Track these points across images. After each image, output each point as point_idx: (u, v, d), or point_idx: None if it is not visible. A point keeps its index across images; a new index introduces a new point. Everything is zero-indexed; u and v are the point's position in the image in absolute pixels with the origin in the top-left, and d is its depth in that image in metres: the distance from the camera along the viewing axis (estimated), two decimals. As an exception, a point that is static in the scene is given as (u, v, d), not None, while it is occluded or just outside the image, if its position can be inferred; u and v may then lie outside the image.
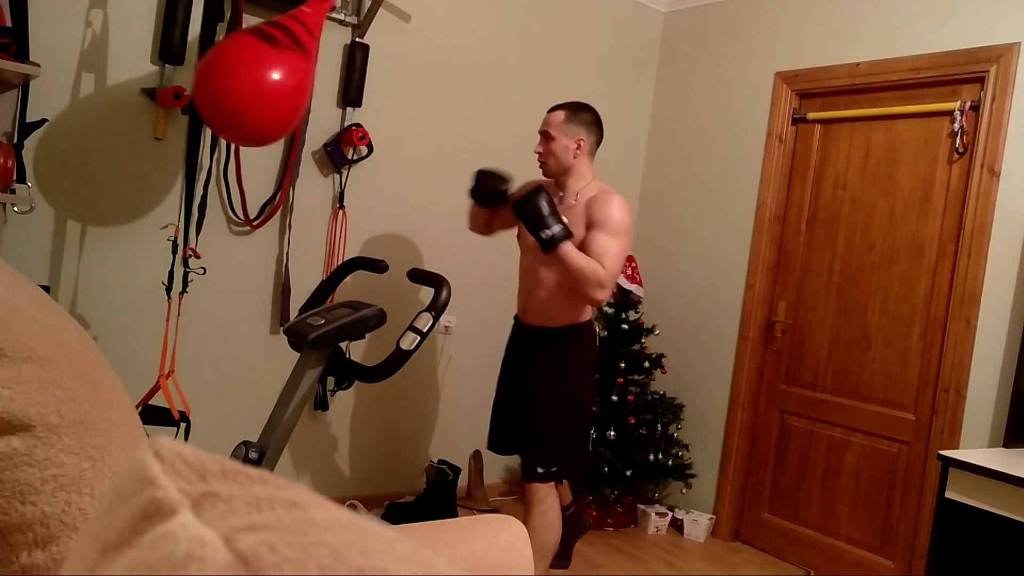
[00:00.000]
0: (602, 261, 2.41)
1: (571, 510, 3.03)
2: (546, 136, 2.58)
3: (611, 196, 2.51)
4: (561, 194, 2.61)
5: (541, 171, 2.64)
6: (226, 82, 2.19)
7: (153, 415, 2.41)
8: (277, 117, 2.26)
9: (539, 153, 2.60)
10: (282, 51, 2.26)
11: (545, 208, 2.40)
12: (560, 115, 2.56)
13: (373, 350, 3.34)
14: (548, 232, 2.38)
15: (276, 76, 2.23)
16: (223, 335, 2.99)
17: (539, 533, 2.49)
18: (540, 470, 2.54)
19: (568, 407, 2.59)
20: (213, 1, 2.59)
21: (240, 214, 2.93)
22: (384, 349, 3.35)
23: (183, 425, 2.47)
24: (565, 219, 2.44)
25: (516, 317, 2.80)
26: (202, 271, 2.66)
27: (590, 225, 2.51)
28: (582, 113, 2.59)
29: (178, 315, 2.58)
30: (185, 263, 2.64)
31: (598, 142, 2.63)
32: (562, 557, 3.12)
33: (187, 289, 2.63)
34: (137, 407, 2.37)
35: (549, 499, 2.55)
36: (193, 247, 2.71)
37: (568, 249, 2.40)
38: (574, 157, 2.56)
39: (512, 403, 2.71)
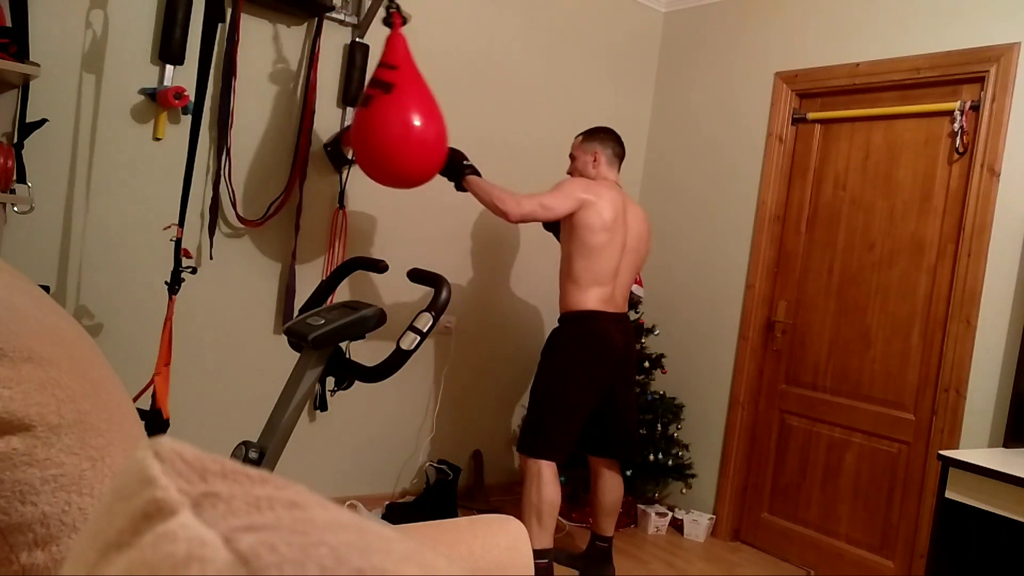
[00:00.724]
0: (520, 193, 2.79)
1: (605, 547, 3.03)
2: (572, 158, 3.05)
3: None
4: None
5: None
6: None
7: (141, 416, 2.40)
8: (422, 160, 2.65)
9: (569, 173, 3.04)
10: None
11: (452, 162, 2.86)
12: (579, 139, 3.03)
13: (373, 350, 3.34)
14: (456, 172, 2.87)
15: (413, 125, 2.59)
16: (224, 335, 2.99)
17: (529, 497, 2.78)
18: (520, 435, 2.91)
19: (541, 387, 2.86)
20: (213, 1, 2.59)
21: (242, 215, 2.93)
22: (384, 349, 3.35)
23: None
24: (467, 160, 2.91)
25: None
26: (192, 270, 2.64)
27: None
28: (595, 133, 3.01)
29: (169, 316, 2.55)
30: (179, 262, 2.61)
31: (616, 153, 3.00)
32: (568, 559, 3.12)
33: (178, 289, 2.57)
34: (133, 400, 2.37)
35: (538, 477, 2.78)
36: (185, 248, 2.70)
37: (470, 179, 2.85)
38: (593, 168, 2.96)
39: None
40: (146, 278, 2.77)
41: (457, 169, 2.88)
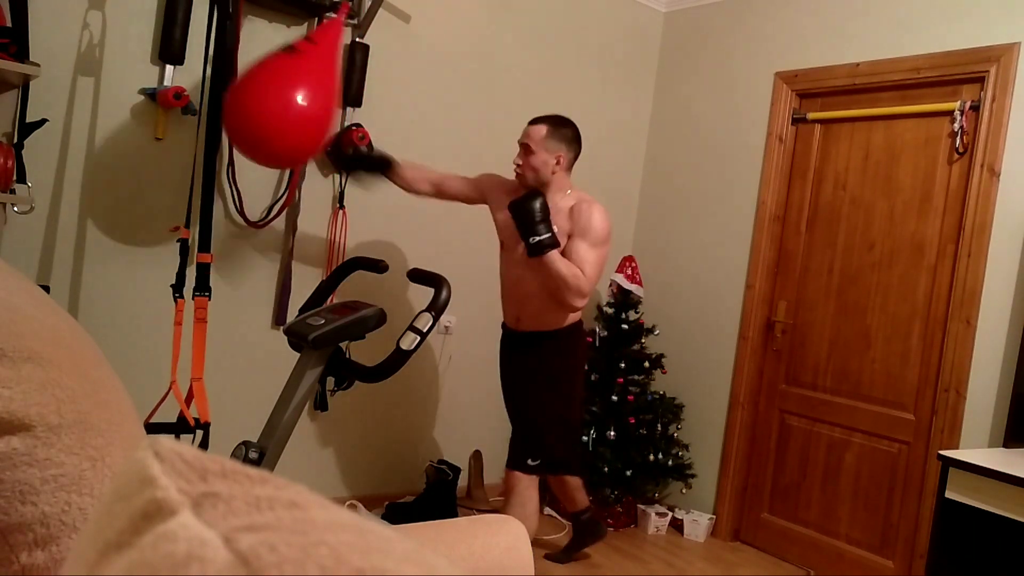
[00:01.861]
0: (583, 268, 2.54)
1: (587, 515, 3.08)
2: (526, 149, 2.64)
3: (592, 206, 2.62)
4: None
5: (518, 181, 2.72)
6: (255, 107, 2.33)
7: (173, 425, 2.39)
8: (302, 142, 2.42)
9: (518, 165, 2.67)
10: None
11: (539, 213, 2.48)
12: (542, 130, 2.63)
13: (373, 350, 3.34)
14: (537, 238, 2.46)
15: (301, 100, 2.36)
16: (224, 335, 2.99)
17: (529, 518, 2.67)
18: (531, 462, 2.69)
19: (562, 405, 2.74)
20: (222, 1, 2.59)
21: (246, 215, 2.93)
22: (384, 349, 3.35)
23: (199, 432, 2.44)
24: (555, 227, 2.52)
25: (505, 326, 2.91)
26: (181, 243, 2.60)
27: (572, 234, 2.62)
28: (563, 129, 2.66)
29: (203, 320, 2.53)
30: (184, 264, 2.61)
31: (576, 157, 2.72)
32: (564, 553, 3.15)
33: (210, 291, 2.53)
34: (177, 417, 2.37)
35: (529, 491, 2.69)
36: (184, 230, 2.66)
37: (554, 256, 2.50)
38: (552, 172, 2.64)
39: (514, 406, 2.86)
40: (146, 278, 2.77)
41: (540, 241, 2.48)
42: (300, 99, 2.34)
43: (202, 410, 2.38)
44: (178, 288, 2.46)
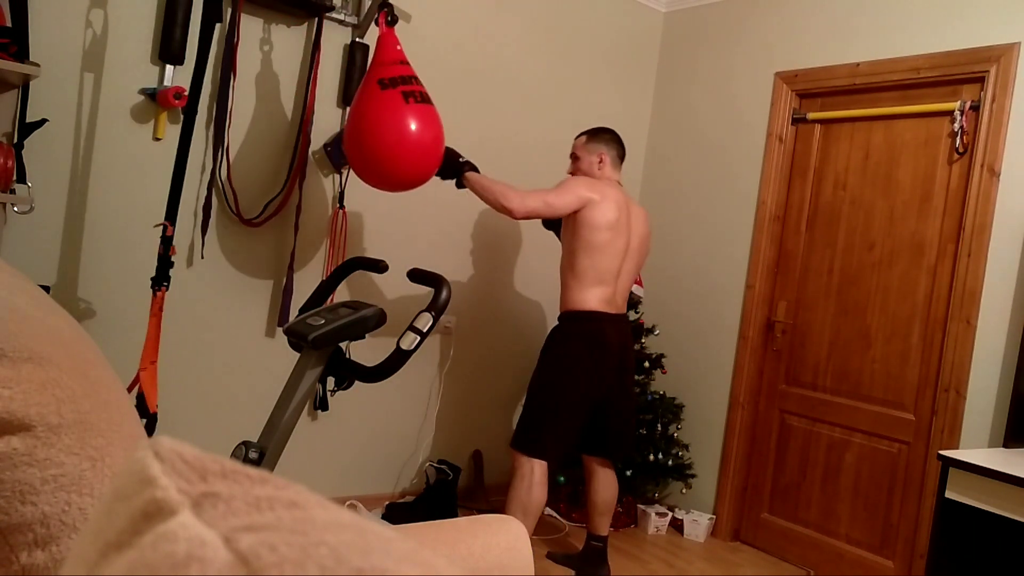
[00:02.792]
0: (524, 191, 2.76)
1: (598, 545, 3.04)
2: (574, 157, 3.02)
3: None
4: None
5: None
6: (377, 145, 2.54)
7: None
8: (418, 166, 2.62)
9: (571, 173, 3.01)
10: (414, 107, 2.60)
11: (452, 159, 2.83)
12: (582, 139, 3.00)
13: (373, 350, 3.34)
14: (452, 170, 2.83)
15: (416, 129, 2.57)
16: (224, 335, 2.99)
17: (518, 493, 2.79)
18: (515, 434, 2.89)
19: (537, 384, 2.88)
20: (211, 1, 2.59)
21: (242, 214, 2.93)
22: (384, 349, 3.35)
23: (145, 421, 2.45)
24: (464, 157, 2.89)
25: None
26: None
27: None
28: (600, 133, 2.99)
29: (154, 311, 2.51)
30: (166, 258, 2.56)
31: (619, 155, 3.00)
32: (564, 558, 3.14)
33: (166, 285, 2.52)
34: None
35: (529, 476, 2.79)
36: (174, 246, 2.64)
37: (470, 176, 2.83)
38: (599, 169, 2.95)
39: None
40: (146, 278, 2.77)
41: (455, 167, 2.84)
42: (418, 129, 2.55)
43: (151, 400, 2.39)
44: (158, 280, 2.42)
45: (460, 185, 2.89)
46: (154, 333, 2.35)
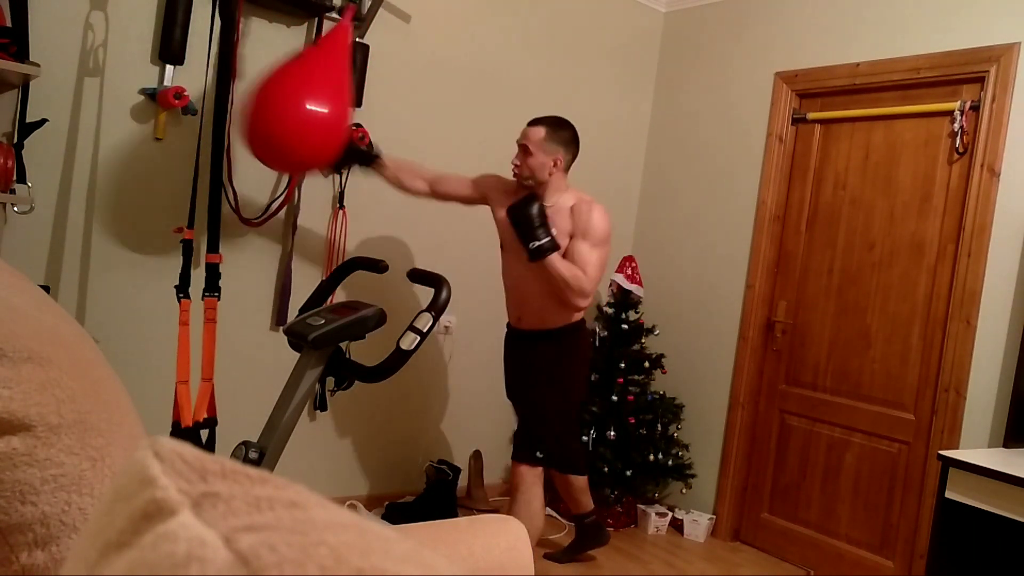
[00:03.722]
0: (584, 270, 2.58)
1: (591, 519, 3.07)
2: (524, 150, 2.68)
3: (592, 206, 2.65)
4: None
5: (517, 180, 2.76)
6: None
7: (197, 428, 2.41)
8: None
9: (516, 165, 2.71)
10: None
11: (537, 218, 2.53)
12: (540, 132, 2.66)
13: (373, 350, 3.34)
14: (537, 243, 2.53)
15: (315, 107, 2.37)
16: (224, 335, 2.98)
17: (522, 520, 2.59)
18: (539, 454, 2.74)
19: (562, 402, 2.78)
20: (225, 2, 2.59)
21: (242, 214, 2.93)
22: (384, 349, 3.35)
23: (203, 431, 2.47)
24: (554, 230, 2.56)
25: (509, 325, 2.95)
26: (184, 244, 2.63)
27: (572, 234, 2.65)
28: (561, 131, 2.69)
29: (212, 320, 2.55)
30: (213, 268, 2.60)
31: (573, 159, 2.75)
32: (565, 553, 3.15)
33: (217, 291, 2.56)
34: (194, 419, 2.38)
35: (535, 488, 2.72)
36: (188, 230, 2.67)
37: (555, 259, 2.54)
38: (549, 174, 2.67)
39: (521, 404, 2.92)
40: (146, 278, 2.77)
41: (541, 246, 2.52)
42: (311, 103, 2.34)
43: (210, 407, 2.41)
44: (182, 288, 2.47)
45: (534, 259, 2.56)
46: (183, 347, 2.35)
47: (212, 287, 2.49)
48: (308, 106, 2.34)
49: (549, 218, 2.59)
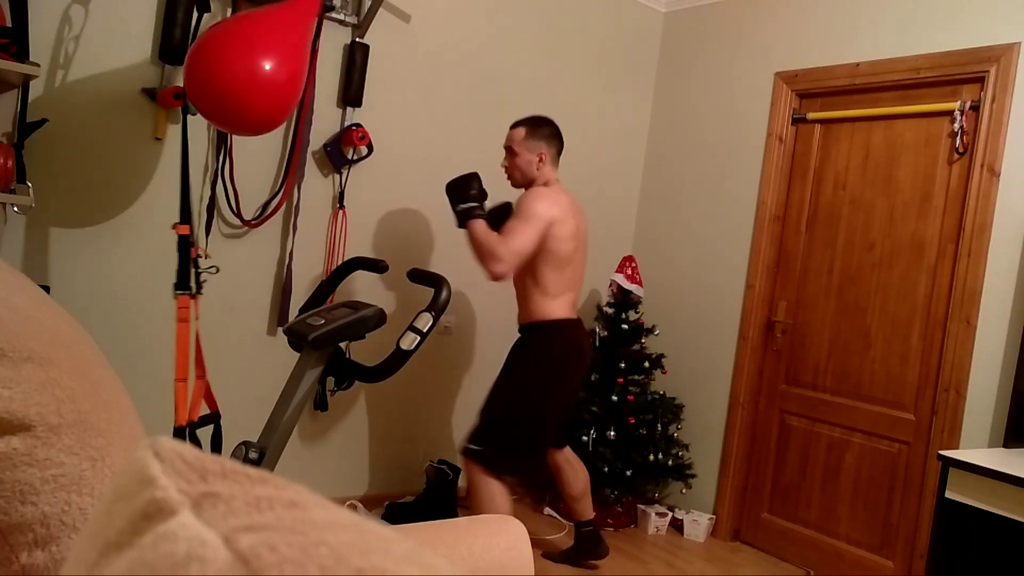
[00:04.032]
0: (504, 237, 2.63)
1: (588, 529, 3.06)
2: (510, 151, 2.81)
3: (532, 191, 2.76)
4: None
5: (509, 183, 2.86)
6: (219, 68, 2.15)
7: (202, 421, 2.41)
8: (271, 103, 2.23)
9: (505, 167, 2.84)
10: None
11: (471, 189, 2.67)
12: (521, 132, 2.80)
13: (373, 350, 3.34)
14: (463, 205, 2.66)
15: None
16: (223, 335, 2.99)
17: (487, 512, 2.68)
18: (469, 444, 2.78)
19: (517, 399, 2.76)
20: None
21: (242, 214, 2.93)
22: (384, 349, 3.35)
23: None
24: (487, 203, 2.72)
25: None
26: (215, 270, 2.67)
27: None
28: (541, 128, 2.81)
29: (196, 318, 2.56)
30: (195, 264, 2.62)
31: (559, 152, 2.86)
32: (562, 555, 3.15)
33: (201, 290, 2.60)
34: (191, 419, 2.35)
35: (483, 482, 2.72)
36: (202, 247, 2.71)
37: (474, 224, 2.63)
38: (537, 169, 2.80)
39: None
40: (146, 278, 2.77)
41: (467, 208, 2.65)
42: (261, 58, 2.15)
43: (211, 402, 2.41)
44: (180, 285, 2.45)
45: (461, 226, 2.70)
46: (182, 344, 2.32)
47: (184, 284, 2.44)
48: (261, 63, 2.16)
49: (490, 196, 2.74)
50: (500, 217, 2.78)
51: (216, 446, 2.44)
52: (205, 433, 2.66)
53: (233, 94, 2.15)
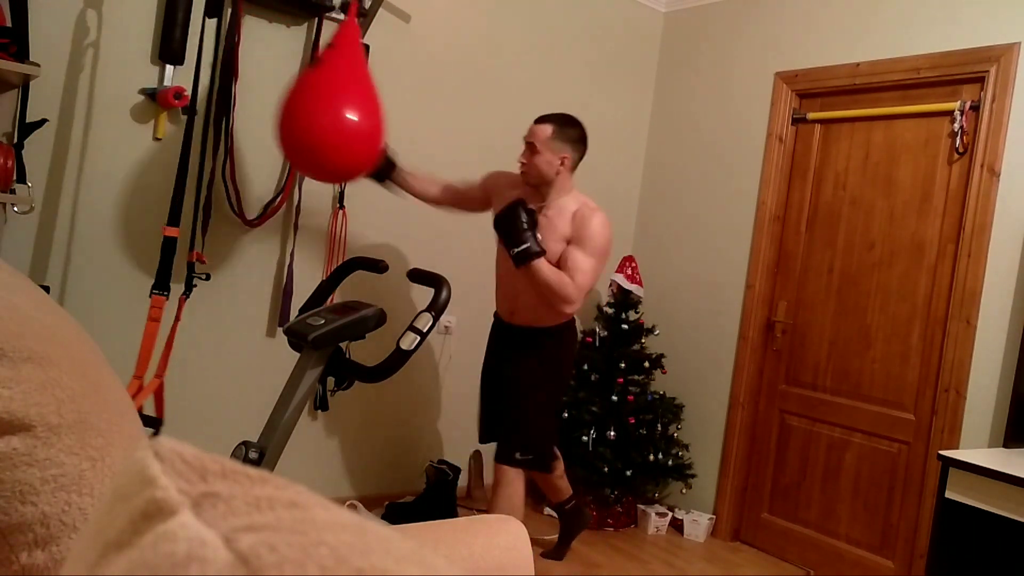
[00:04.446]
0: (573, 276, 2.52)
1: (571, 504, 3.09)
2: (531, 148, 2.63)
3: (594, 213, 2.61)
4: (541, 204, 2.69)
5: (522, 178, 2.71)
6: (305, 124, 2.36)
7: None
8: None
9: (522, 163, 2.66)
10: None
11: (524, 223, 2.48)
12: (547, 129, 2.61)
13: (373, 350, 3.34)
14: (521, 247, 2.48)
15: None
16: (224, 335, 2.99)
17: (515, 509, 2.68)
18: (519, 456, 2.70)
19: (548, 400, 2.78)
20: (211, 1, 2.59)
21: (244, 214, 2.93)
22: (384, 349, 3.35)
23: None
24: (539, 235, 2.52)
25: (498, 316, 2.94)
26: (206, 277, 2.67)
27: (571, 239, 2.60)
28: (569, 129, 2.64)
29: (178, 319, 2.57)
30: (190, 267, 2.64)
31: (581, 158, 2.70)
32: (557, 549, 3.15)
33: (189, 292, 2.63)
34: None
35: (516, 483, 2.70)
36: (199, 251, 2.71)
37: (540, 264, 2.49)
38: (556, 173, 2.62)
39: (498, 396, 2.85)
40: (146, 279, 2.77)
41: (523, 251, 2.48)
42: (351, 112, 2.36)
43: (158, 407, 2.44)
44: (159, 285, 2.44)
45: (519, 265, 2.52)
46: (147, 342, 2.33)
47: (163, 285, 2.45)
48: (348, 116, 2.35)
49: (543, 223, 2.58)
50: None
51: None
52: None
53: (344, 152, 2.36)
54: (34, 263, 2.56)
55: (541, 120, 2.66)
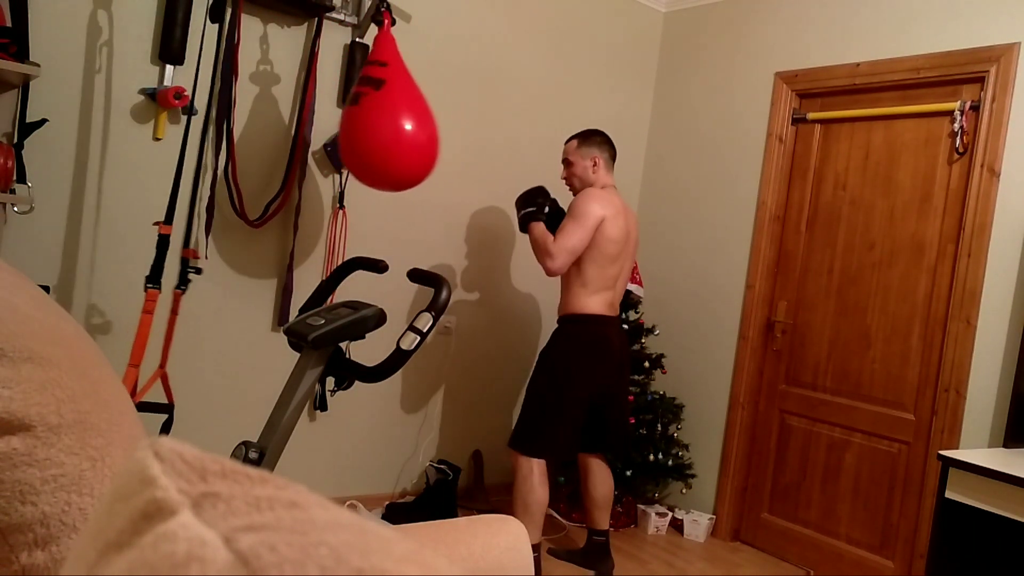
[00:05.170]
0: (556, 237, 2.84)
1: (601, 539, 3.07)
2: (567, 163, 3.02)
3: (584, 192, 2.92)
4: None
5: (569, 189, 3.06)
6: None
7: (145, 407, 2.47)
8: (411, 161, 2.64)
9: (565, 179, 3.05)
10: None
11: (537, 197, 2.96)
12: (574, 143, 3.00)
13: (373, 350, 3.34)
14: (523, 211, 2.97)
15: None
16: (224, 334, 2.99)
17: (521, 493, 2.84)
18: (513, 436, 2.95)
19: (535, 390, 2.91)
20: (214, 1, 2.60)
21: (246, 214, 2.93)
22: (384, 349, 3.35)
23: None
24: (547, 208, 2.96)
25: None
26: (196, 271, 2.65)
27: None
28: (591, 137, 3.00)
29: (175, 312, 2.57)
30: (185, 263, 2.64)
31: (612, 156, 3.02)
32: (567, 554, 3.16)
33: (185, 287, 2.61)
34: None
35: (528, 475, 2.84)
36: (193, 248, 2.71)
37: (534, 226, 2.91)
38: (593, 173, 2.97)
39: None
40: (145, 278, 2.76)
41: (527, 213, 2.95)
42: (410, 127, 2.58)
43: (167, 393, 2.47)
44: (152, 279, 2.43)
45: (523, 229, 2.98)
46: (142, 333, 2.34)
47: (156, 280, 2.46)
48: (410, 125, 2.59)
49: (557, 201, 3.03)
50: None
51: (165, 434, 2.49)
52: (156, 420, 2.71)
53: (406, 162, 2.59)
54: (34, 263, 2.56)
55: (568, 139, 3.05)
